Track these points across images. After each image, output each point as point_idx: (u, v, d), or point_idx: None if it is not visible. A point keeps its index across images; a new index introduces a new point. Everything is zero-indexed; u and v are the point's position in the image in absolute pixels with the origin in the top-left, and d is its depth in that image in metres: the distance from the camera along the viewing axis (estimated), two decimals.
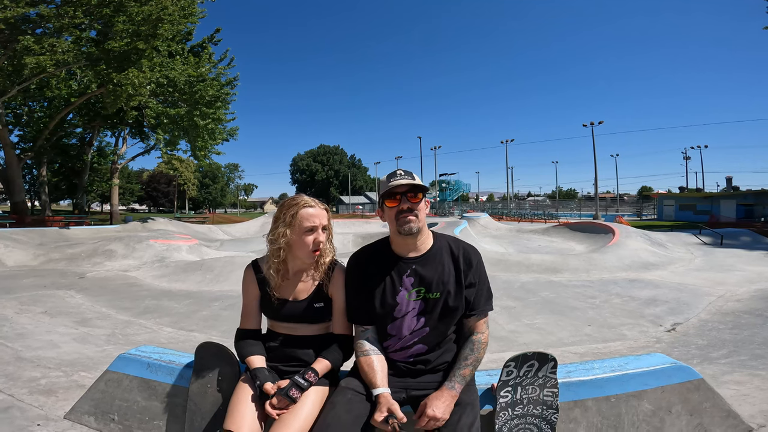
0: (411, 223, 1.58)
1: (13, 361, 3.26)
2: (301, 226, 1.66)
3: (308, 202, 1.71)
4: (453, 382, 1.52)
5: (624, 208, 51.87)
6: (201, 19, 20.10)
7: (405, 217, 1.59)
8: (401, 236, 1.62)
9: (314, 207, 1.69)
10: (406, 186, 1.60)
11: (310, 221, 1.66)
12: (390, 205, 1.63)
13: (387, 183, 1.63)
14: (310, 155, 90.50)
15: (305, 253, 1.68)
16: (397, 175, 1.63)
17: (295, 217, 1.67)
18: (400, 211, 1.60)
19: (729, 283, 7.13)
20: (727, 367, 3.26)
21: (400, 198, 1.60)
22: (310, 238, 1.66)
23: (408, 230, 1.59)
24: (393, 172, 1.65)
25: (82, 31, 15.66)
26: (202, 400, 1.83)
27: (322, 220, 1.69)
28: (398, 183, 1.60)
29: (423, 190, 1.62)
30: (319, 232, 1.68)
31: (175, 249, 10.85)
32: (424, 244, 1.67)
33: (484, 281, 1.67)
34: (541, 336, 4.55)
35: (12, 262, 9.44)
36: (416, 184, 1.60)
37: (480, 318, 1.64)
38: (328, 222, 1.75)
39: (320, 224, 1.68)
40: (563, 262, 9.00)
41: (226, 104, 22.58)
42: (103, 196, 49.56)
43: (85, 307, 5.55)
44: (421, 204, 1.62)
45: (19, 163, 19.81)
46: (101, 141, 32.15)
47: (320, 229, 1.69)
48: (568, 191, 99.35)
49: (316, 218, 1.67)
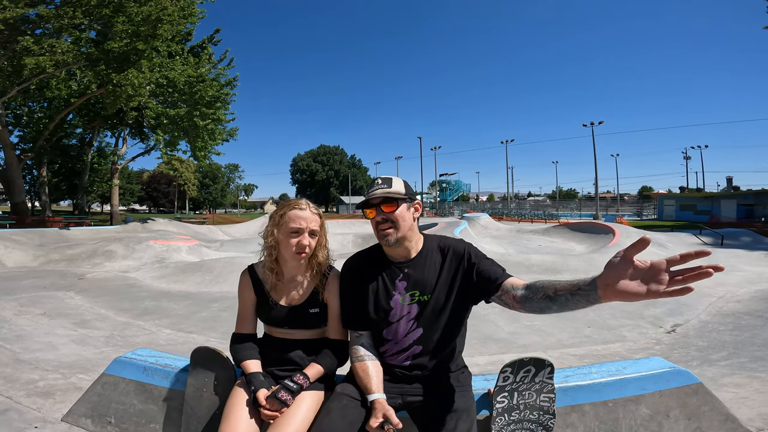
0: (389, 236, 1.57)
1: (12, 363, 3.26)
2: (288, 226, 1.66)
3: (300, 204, 1.70)
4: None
5: (624, 208, 51.88)
6: (201, 19, 20.10)
7: (383, 230, 1.58)
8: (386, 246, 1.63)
9: (304, 210, 1.68)
10: (379, 197, 1.58)
11: (296, 223, 1.65)
12: (370, 216, 1.62)
13: (366, 193, 1.63)
14: (310, 155, 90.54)
15: (290, 255, 1.67)
16: (375, 185, 1.61)
17: (283, 217, 1.68)
18: (377, 222, 1.59)
19: (729, 283, 7.12)
20: (726, 369, 3.25)
21: (375, 210, 1.59)
22: (295, 240, 1.65)
23: (386, 242, 1.58)
24: (373, 181, 1.63)
25: (81, 32, 15.67)
26: (198, 404, 1.82)
27: (309, 223, 1.67)
28: (373, 194, 1.58)
29: (396, 200, 1.58)
30: (305, 236, 1.66)
31: (175, 250, 10.86)
32: (414, 248, 1.65)
33: (485, 258, 1.58)
34: (541, 338, 4.54)
35: (12, 263, 9.44)
36: (389, 195, 1.57)
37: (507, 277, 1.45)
38: (320, 228, 1.72)
39: (306, 227, 1.66)
40: (563, 262, 9.00)
41: (226, 105, 22.59)
42: (103, 197, 49.57)
43: (84, 308, 5.54)
44: (400, 212, 1.58)
45: (19, 163, 19.81)
46: (101, 141, 32.21)
47: (306, 233, 1.66)
48: (569, 191, 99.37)
49: (303, 221, 1.66)
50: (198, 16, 19.46)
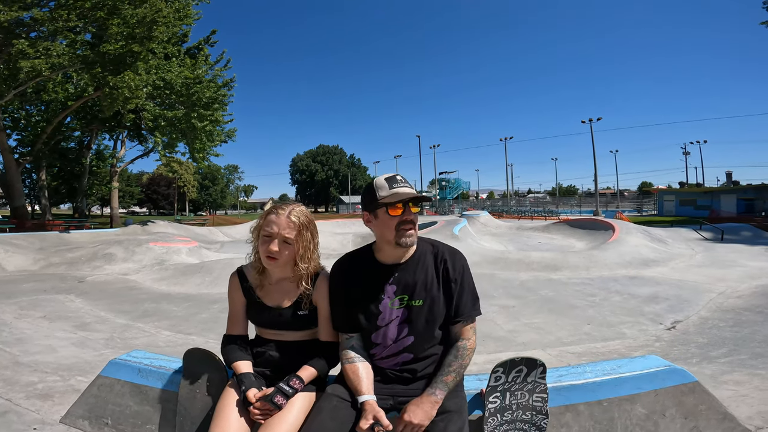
0: (413, 236, 1.54)
1: (11, 365, 3.28)
2: (262, 229, 1.66)
3: (279, 209, 1.66)
4: (434, 388, 1.47)
5: (624, 204, 51.83)
6: (196, 20, 20.09)
7: (407, 229, 1.52)
8: (395, 246, 1.56)
9: (279, 215, 1.63)
10: (411, 195, 1.52)
11: (269, 227, 1.63)
12: (393, 214, 1.52)
13: (389, 188, 1.52)
14: (309, 155, 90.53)
15: (262, 257, 1.66)
16: (398, 182, 1.53)
17: (263, 218, 1.68)
18: (403, 221, 1.52)
19: (730, 279, 7.11)
20: (726, 366, 3.24)
21: (404, 208, 1.52)
22: (264, 246, 1.63)
23: (410, 242, 1.54)
24: (392, 177, 1.55)
25: (76, 35, 15.66)
26: (192, 405, 1.83)
27: (282, 230, 1.61)
28: (405, 191, 1.51)
29: (427, 200, 1.59)
30: (275, 242, 1.61)
31: (175, 252, 10.85)
32: (407, 251, 1.63)
33: (468, 285, 1.61)
34: (540, 336, 4.53)
35: (12, 267, 9.44)
36: (422, 196, 1.56)
37: (466, 324, 1.59)
38: (296, 237, 1.64)
39: (277, 233, 1.61)
40: (563, 259, 8.99)
41: (224, 106, 22.57)
42: (103, 200, 49.58)
43: (84, 311, 5.55)
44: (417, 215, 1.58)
45: (18, 167, 19.82)
46: (100, 144, 32.20)
47: (276, 239, 1.62)
48: (569, 188, 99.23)
49: (275, 226, 1.62)
50: (193, 17, 19.46)
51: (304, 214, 1.68)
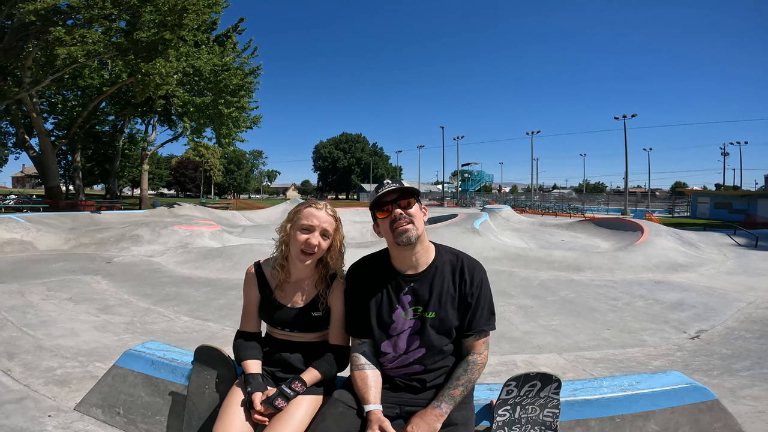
0: (408, 232, 1.48)
1: (33, 350, 3.39)
2: (300, 222, 1.64)
3: (317, 204, 1.68)
4: (440, 401, 1.45)
5: (655, 204, 50.04)
6: (224, 8, 20.30)
7: (400, 226, 1.48)
8: (400, 248, 1.53)
9: (320, 210, 1.65)
10: (395, 193, 1.51)
11: (309, 220, 1.62)
12: (381, 216, 1.54)
13: (375, 193, 1.54)
14: (332, 143, 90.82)
15: (296, 252, 1.64)
16: (384, 185, 1.54)
17: (297, 213, 1.67)
18: (393, 219, 1.50)
19: (761, 288, 6.76)
20: (747, 380, 3.09)
21: (391, 207, 1.52)
22: (304, 237, 1.62)
23: (407, 240, 1.48)
24: (380, 183, 1.56)
25: (111, 22, 16.06)
26: (200, 400, 1.86)
27: (323, 223, 1.63)
28: (386, 191, 1.51)
29: (414, 194, 1.53)
30: (315, 234, 1.62)
31: (198, 235, 11.11)
32: (424, 259, 1.58)
33: (485, 299, 1.56)
34: (557, 339, 4.42)
35: (44, 246, 9.86)
36: (406, 188, 1.52)
37: (478, 338, 1.54)
38: (334, 231, 1.67)
39: (319, 226, 1.62)
40: (586, 259, 8.73)
41: (250, 93, 22.88)
42: (133, 181, 51.21)
43: (109, 293, 5.75)
44: (415, 210, 1.53)
45: (54, 149, 20.66)
46: (132, 128, 33.34)
47: (317, 232, 1.62)
48: (596, 185, 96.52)
49: (316, 219, 1.63)
50: (222, 5, 19.64)
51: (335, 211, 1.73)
